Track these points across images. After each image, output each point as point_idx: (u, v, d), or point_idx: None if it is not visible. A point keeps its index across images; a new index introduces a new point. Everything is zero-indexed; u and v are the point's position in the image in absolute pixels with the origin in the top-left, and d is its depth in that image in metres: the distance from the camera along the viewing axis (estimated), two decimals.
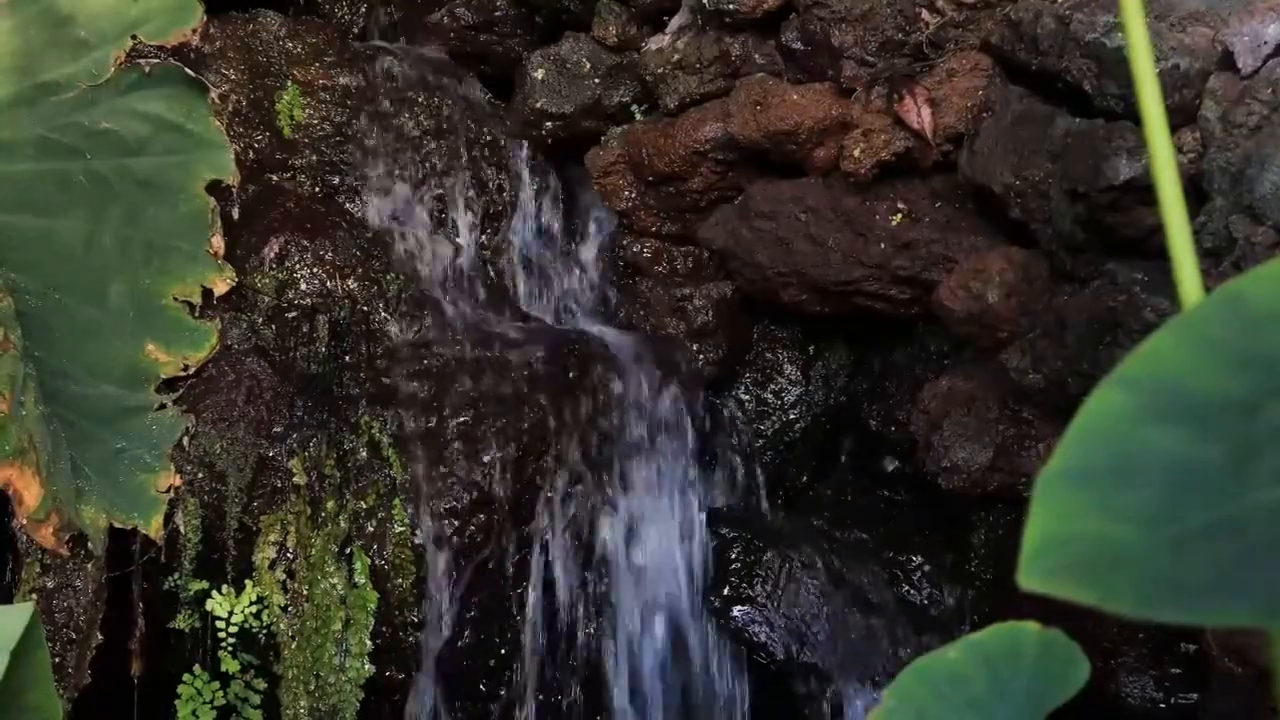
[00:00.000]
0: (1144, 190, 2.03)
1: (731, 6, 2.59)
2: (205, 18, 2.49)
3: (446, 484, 2.49)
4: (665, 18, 2.81)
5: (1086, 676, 0.80)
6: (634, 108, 2.89)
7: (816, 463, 2.96)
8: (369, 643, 2.42)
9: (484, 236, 2.98)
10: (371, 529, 2.46)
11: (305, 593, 2.40)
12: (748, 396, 2.97)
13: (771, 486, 2.90)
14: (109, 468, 2.31)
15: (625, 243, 2.98)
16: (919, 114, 2.42)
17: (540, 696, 2.56)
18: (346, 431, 2.50)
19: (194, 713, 2.38)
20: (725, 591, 2.60)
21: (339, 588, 2.42)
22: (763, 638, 2.56)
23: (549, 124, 2.94)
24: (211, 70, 2.75)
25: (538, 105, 2.92)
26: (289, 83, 2.89)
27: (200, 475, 2.38)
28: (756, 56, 2.65)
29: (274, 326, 2.54)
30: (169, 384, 2.42)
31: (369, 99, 2.94)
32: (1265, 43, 1.94)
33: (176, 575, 2.37)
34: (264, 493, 2.42)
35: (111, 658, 2.33)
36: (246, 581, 2.39)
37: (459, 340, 2.64)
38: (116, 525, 2.28)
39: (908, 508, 2.78)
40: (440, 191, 2.95)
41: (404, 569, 2.46)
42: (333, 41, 3.00)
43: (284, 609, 2.39)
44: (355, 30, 3.29)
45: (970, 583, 2.62)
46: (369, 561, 2.44)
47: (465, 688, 2.53)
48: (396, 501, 2.47)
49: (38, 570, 2.27)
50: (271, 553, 2.39)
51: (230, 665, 2.40)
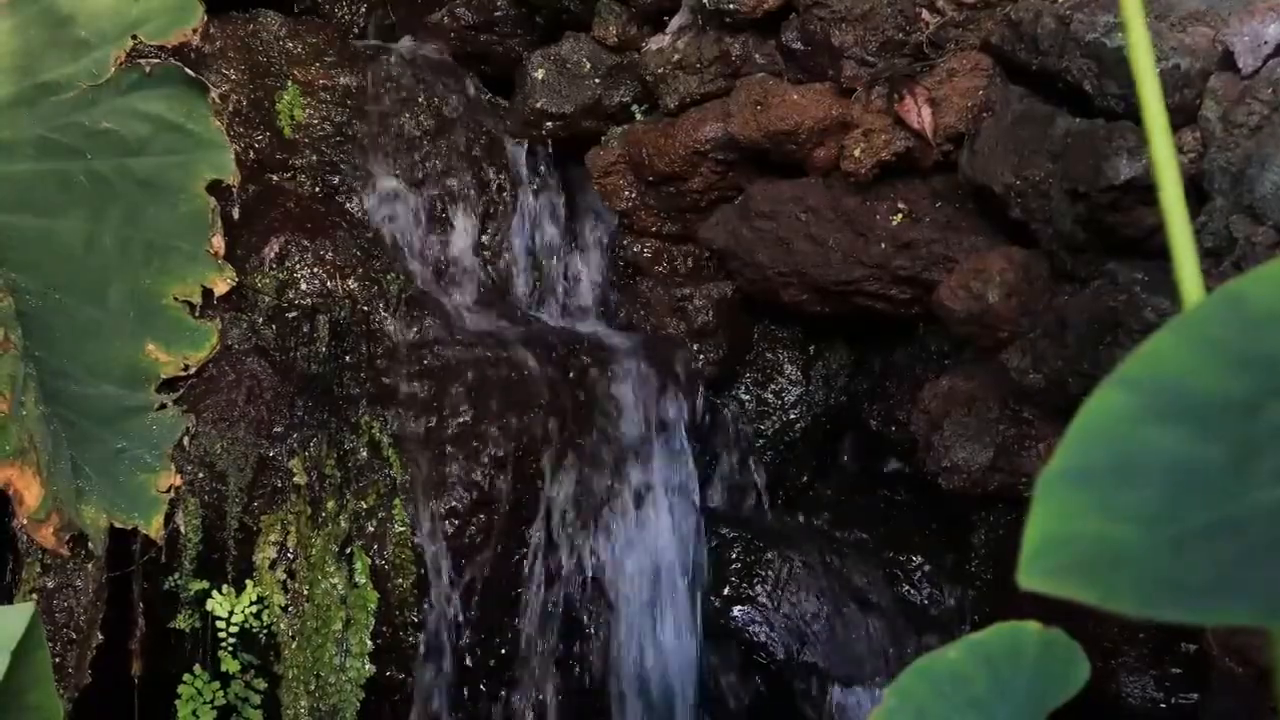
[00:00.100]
0: (1144, 190, 2.03)
1: (732, 6, 2.59)
2: (205, 18, 2.49)
3: (446, 484, 2.49)
4: (665, 18, 2.81)
5: (1087, 676, 0.80)
6: (634, 108, 2.89)
7: (817, 463, 2.96)
8: (369, 643, 2.42)
9: (484, 236, 2.98)
10: (372, 529, 2.46)
11: (306, 593, 2.40)
12: (748, 396, 2.97)
13: (772, 486, 2.90)
14: (109, 468, 2.31)
15: (625, 243, 2.98)
16: (919, 114, 2.42)
17: (541, 696, 2.56)
18: (347, 431, 2.50)
19: (194, 713, 2.38)
20: (725, 591, 2.60)
21: (339, 588, 2.42)
22: (763, 638, 2.56)
23: (549, 124, 2.94)
24: (212, 70, 2.75)
25: (538, 105, 2.92)
26: (289, 83, 2.89)
27: (201, 475, 2.38)
28: (757, 56, 2.65)
29: (274, 326, 2.54)
30: (169, 384, 2.42)
31: (369, 99, 2.94)
32: (1265, 43, 1.94)
33: (177, 575, 2.37)
34: (264, 493, 2.42)
35: (112, 658, 2.32)
36: (247, 581, 2.39)
37: (459, 340, 2.64)
38: (117, 525, 2.28)
39: (908, 508, 2.78)
40: (440, 191, 2.95)
41: (404, 569, 2.46)
42: (333, 41, 3.00)
43: (284, 609, 2.39)
44: (355, 30, 3.29)
45: (971, 582, 2.62)
46: (369, 561, 2.44)
47: (466, 688, 2.53)
48: (397, 501, 2.47)
49: (38, 570, 2.27)
50: (272, 553, 2.39)
51: (230, 665, 2.40)
